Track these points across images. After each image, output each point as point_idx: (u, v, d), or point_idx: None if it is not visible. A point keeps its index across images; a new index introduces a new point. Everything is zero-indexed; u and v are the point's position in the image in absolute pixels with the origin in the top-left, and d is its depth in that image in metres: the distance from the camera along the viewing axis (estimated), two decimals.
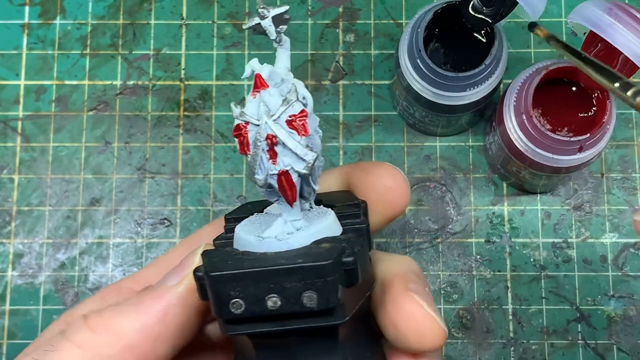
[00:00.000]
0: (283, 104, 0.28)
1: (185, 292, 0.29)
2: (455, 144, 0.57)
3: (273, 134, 0.28)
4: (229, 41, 0.59)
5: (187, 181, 0.57)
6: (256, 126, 0.28)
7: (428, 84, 0.49)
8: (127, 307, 0.29)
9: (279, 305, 0.26)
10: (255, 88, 0.28)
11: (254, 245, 0.28)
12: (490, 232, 0.56)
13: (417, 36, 0.48)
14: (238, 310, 0.26)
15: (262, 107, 0.28)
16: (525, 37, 0.58)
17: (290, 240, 0.28)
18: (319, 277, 0.26)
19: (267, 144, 0.28)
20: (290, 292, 0.26)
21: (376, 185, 0.33)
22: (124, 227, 0.56)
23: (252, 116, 0.28)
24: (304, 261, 0.26)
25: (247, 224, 0.30)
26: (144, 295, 0.30)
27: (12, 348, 0.55)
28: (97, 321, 0.29)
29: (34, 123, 0.58)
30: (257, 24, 0.30)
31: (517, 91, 0.49)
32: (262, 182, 0.29)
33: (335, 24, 0.59)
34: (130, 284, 0.35)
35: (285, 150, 0.28)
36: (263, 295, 0.26)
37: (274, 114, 0.28)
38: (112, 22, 0.59)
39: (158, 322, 0.29)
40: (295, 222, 0.29)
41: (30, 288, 0.56)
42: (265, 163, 0.28)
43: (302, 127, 0.28)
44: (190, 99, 0.58)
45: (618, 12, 0.42)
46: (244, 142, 0.28)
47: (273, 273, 0.26)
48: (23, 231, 0.56)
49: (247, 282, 0.26)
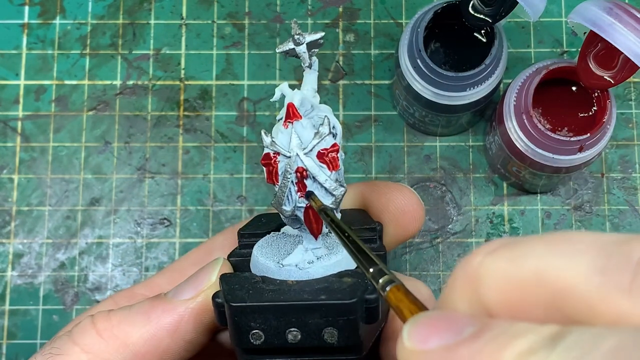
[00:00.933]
0: (315, 137, 0.28)
1: (198, 309, 0.29)
2: (455, 144, 0.57)
3: (304, 167, 0.28)
4: (229, 41, 0.59)
5: (187, 181, 0.57)
6: (287, 158, 0.28)
7: (428, 84, 0.49)
8: (137, 315, 0.29)
9: (299, 339, 0.26)
10: (287, 118, 0.28)
11: (274, 272, 0.28)
12: (490, 232, 0.56)
13: (417, 36, 0.48)
14: (257, 342, 0.26)
15: (294, 139, 0.28)
16: (525, 36, 0.58)
17: (311, 270, 0.28)
18: (342, 315, 0.26)
19: (297, 176, 0.28)
20: (312, 327, 0.26)
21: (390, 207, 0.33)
22: (123, 227, 0.56)
23: (283, 147, 0.28)
24: (327, 298, 0.26)
25: (264, 245, 0.30)
26: (156, 304, 0.29)
27: (11, 348, 0.55)
28: (106, 325, 0.29)
29: (33, 123, 0.58)
30: (291, 49, 0.30)
31: (517, 91, 0.49)
32: (289, 214, 0.28)
33: (335, 23, 0.59)
34: (143, 291, 0.34)
35: (315, 184, 0.28)
36: (284, 328, 0.26)
37: (306, 147, 0.28)
38: (112, 22, 0.59)
39: (168, 335, 0.28)
40: (316, 250, 0.29)
41: (30, 288, 0.56)
42: (293, 195, 0.28)
43: (333, 162, 0.28)
44: (190, 98, 0.58)
45: (618, 11, 0.42)
46: (273, 172, 0.28)
47: (295, 308, 0.26)
48: (23, 231, 0.56)
49: (268, 315, 0.26)
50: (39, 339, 0.55)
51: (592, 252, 0.17)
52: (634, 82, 0.58)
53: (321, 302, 0.26)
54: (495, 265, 0.18)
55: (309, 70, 0.30)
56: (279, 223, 0.32)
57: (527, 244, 0.18)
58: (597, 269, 0.17)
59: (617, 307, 0.16)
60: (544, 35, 0.58)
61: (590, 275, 0.17)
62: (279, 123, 0.29)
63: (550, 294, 0.17)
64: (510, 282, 0.18)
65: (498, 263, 0.18)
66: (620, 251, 0.17)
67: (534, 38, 0.58)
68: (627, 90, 0.58)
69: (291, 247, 0.30)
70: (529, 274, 0.18)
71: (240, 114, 0.58)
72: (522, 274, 0.18)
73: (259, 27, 0.59)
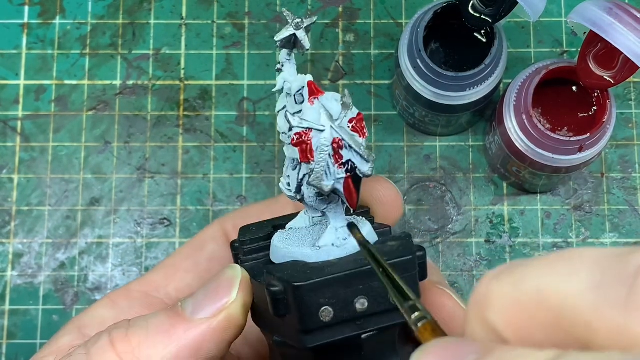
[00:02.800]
0: (343, 108, 0.28)
1: (221, 326, 0.28)
2: (455, 144, 0.57)
3: (340, 137, 0.28)
4: (228, 41, 0.59)
5: (186, 181, 0.57)
6: (320, 132, 0.28)
7: (428, 84, 0.49)
8: (158, 336, 0.28)
9: (366, 307, 0.27)
10: (311, 95, 0.28)
11: (311, 256, 0.29)
12: (490, 232, 0.56)
13: (417, 36, 0.48)
14: (327, 318, 0.26)
15: (323, 113, 0.28)
16: (525, 37, 0.58)
17: (348, 245, 0.29)
18: (406, 271, 0.27)
19: (334, 148, 0.28)
20: (378, 291, 0.27)
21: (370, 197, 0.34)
22: (123, 227, 0.56)
23: (315, 122, 0.28)
24: (389, 258, 0.27)
25: (283, 239, 0.30)
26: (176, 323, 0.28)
27: (11, 348, 0.55)
28: (126, 348, 0.28)
29: (33, 123, 0.58)
30: (291, 35, 0.30)
31: (517, 91, 0.49)
32: (329, 188, 0.28)
33: (335, 23, 0.59)
34: (139, 288, 0.34)
35: (351, 153, 0.28)
36: (352, 298, 0.26)
37: (337, 118, 0.28)
38: (111, 22, 0.59)
39: (191, 355, 0.28)
40: (344, 229, 0.29)
41: (29, 288, 0.56)
42: (331, 168, 0.28)
43: (362, 129, 0.29)
44: (190, 98, 0.58)
45: (618, 11, 0.42)
46: (307, 149, 0.28)
47: (362, 274, 0.26)
48: (23, 231, 0.56)
49: (337, 287, 0.26)
50: (39, 339, 0.55)
51: (589, 268, 0.17)
52: (633, 82, 0.58)
53: (388, 261, 0.26)
54: (499, 289, 0.18)
55: (288, 64, 0.30)
56: (272, 225, 0.32)
57: (528, 265, 0.18)
58: (593, 284, 0.17)
59: (612, 323, 0.16)
60: (544, 35, 0.58)
61: (585, 292, 0.17)
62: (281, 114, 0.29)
63: (551, 313, 0.17)
64: (514, 304, 0.18)
65: (502, 287, 0.18)
66: (616, 265, 0.17)
67: (534, 38, 0.58)
68: (627, 90, 0.58)
69: (311, 235, 0.30)
70: (531, 294, 0.18)
71: (240, 114, 0.58)
72: (524, 296, 0.18)
73: (259, 27, 0.59)
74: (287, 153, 0.30)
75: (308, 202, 0.30)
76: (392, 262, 0.26)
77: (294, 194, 0.29)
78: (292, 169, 0.29)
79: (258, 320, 0.30)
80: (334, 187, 0.28)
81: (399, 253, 0.27)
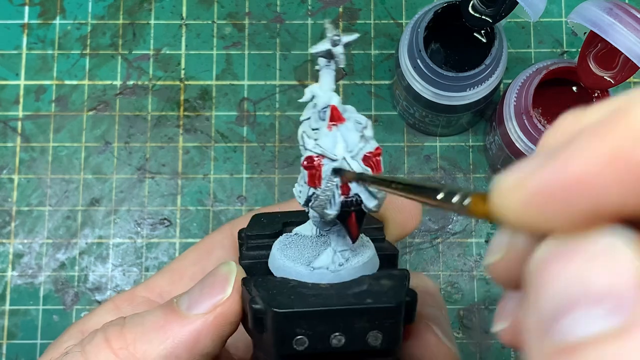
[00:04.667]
0: (361, 141, 0.28)
1: (216, 322, 0.28)
2: (455, 144, 0.57)
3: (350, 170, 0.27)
4: (228, 41, 0.59)
5: (187, 181, 0.57)
6: (332, 161, 0.28)
7: (428, 84, 0.49)
8: (153, 332, 0.28)
9: (342, 344, 0.26)
10: (332, 121, 0.28)
11: (304, 275, 0.28)
12: (490, 232, 0.56)
13: (417, 36, 0.48)
14: (300, 347, 0.26)
15: (340, 142, 0.28)
16: (525, 37, 0.58)
17: (342, 272, 0.28)
18: (388, 318, 0.26)
19: (342, 180, 0.27)
20: (357, 331, 0.26)
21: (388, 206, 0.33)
22: (123, 227, 0.56)
23: (329, 150, 0.28)
24: (374, 302, 0.26)
25: (284, 247, 0.30)
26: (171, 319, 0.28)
27: (11, 348, 0.55)
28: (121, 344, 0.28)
29: (33, 123, 0.58)
30: (327, 50, 0.29)
31: (517, 91, 0.49)
32: (331, 218, 0.28)
33: (335, 23, 0.59)
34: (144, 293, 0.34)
35: (360, 188, 0.28)
36: (329, 333, 0.26)
37: (352, 150, 0.28)
38: (112, 22, 0.59)
39: (187, 351, 0.28)
40: (344, 252, 0.29)
41: (30, 288, 0.56)
42: (337, 198, 0.28)
43: (377, 165, 0.28)
44: (190, 99, 0.58)
45: (618, 12, 0.42)
46: (316, 175, 0.28)
47: (343, 312, 0.26)
48: (23, 231, 0.56)
49: (315, 320, 0.26)
50: (39, 339, 0.55)
51: None
52: (634, 82, 0.58)
53: (369, 305, 0.26)
54: None
55: (327, 69, 0.30)
56: (282, 222, 0.32)
57: None
58: None
59: None
60: (544, 35, 0.58)
61: None
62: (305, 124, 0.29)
63: None
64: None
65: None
66: None
67: (534, 38, 0.58)
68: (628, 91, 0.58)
69: (313, 249, 0.30)
70: None
71: (240, 114, 0.58)
72: None
73: (259, 27, 0.59)
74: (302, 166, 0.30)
75: (312, 220, 0.30)
76: (377, 307, 0.26)
77: (303, 205, 0.29)
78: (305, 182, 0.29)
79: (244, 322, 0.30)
80: (335, 217, 0.28)
81: (386, 298, 0.26)
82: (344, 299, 0.27)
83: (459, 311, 0.55)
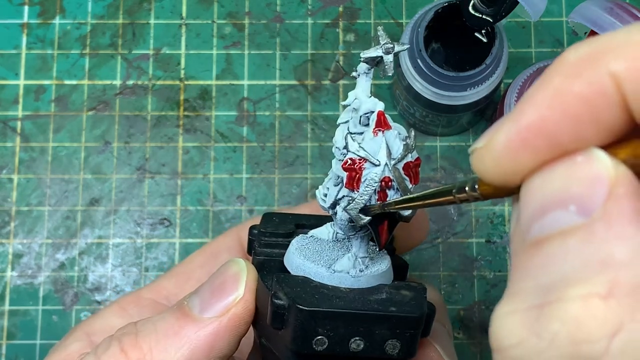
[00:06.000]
0: (404, 150, 0.28)
1: (231, 324, 0.28)
2: (455, 144, 0.57)
3: (390, 177, 0.28)
4: (228, 41, 0.59)
5: (187, 181, 0.57)
6: (373, 166, 0.28)
7: (428, 84, 0.49)
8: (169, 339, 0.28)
9: (361, 349, 0.26)
10: (378, 126, 0.28)
11: (324, 277, 0.28)
12: (490, 232, 0.56)
13: (417, 36, 0.48)
14: (319, 348, 0.26)
15: (384, 149, 0.28)
16: (525, 36, 0.58)
17: (362, 278, 0.29)
18: (409, 328, 0.26)
19: (381, 186, 0.28)
20: (376, 337, 0.26)
21: None
22: (123, 227, 0.56)
23: (373, 155, 0.28)
24: (397, 310, 0.26)
25: (302, 248, 0.30)
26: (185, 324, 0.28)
27: (11, 348, 0.55)
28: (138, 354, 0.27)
29: (33, 123, 0.58)
30: (378, 57, 0.30)
31: (517, 91, 0.49)
32: (364, 222, 0.28)
33: (335, 23, 0.59)
34: (150, 295, 0.34)
35: (397, 195, 0.28)
36: (349, 337, 0.26)
37: (395, 157, 0.28)
38: (111, 22, 0.59)
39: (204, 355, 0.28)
40: (364, 259, 0.29)
41: (29, 288, 0.56)
42: (373, 204, 0.28)
43: (416, 176, 0.29)
44: (190, 98, 0.58)
45: (619, 11, 0.42)
46: (356, 178, 0.28)
47: (366, 317, 0.26)
48: (22, 231, 0.56)
49: (338, 322, 0.26)
50: (38, 339, 0.55)
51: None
52: None
53: (392, 313, 0.26)
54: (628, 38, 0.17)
55: (366, 77, 0.30)
56: (294, 223, 0.32)
57: None
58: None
59: None
60: (545, 35, 0.58)
61: None
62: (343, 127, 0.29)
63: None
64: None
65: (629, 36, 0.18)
66: None
67: (534, 38, 0.58)
68: None
69: (329, 252, 0.30)
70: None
71: (240, 114, 0.58)
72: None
73: (259, 27, 0.59)
74: (334, 168, 0.29)
75: (339, 223, 0.30)
76: (400, 316, 0.26)
77: (328, 207, 0.29)
78: (334, 184, 0.29)
79: None
80: (367, 223, 0.28)
81: (409, 308, 0.27)
82: (368, 304, 0.27)
83: (459, 311, 0.55)
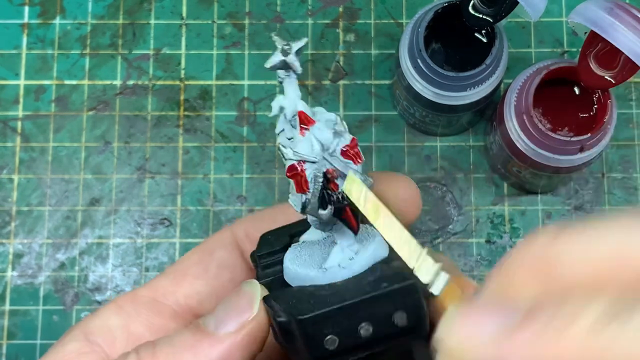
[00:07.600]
0: (335, 137, 0.28)
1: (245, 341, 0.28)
2: (455, 144, 0.57)
3: (332, 167, 0.28)
4: (229, 41, 0.59)
5: (187, 181, 0.57)
6: (313, 163, 0.28)
7: (428, 84, 0.49)
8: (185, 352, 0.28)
9: (371, 332, 0.27)
10: (302, 125, 0.29)
11: (318, 278, 0.29)
12: (490, 232, 0.56)
13: (417, 36, 0.48)
14: (332, 347, 0.27)
15: (315, 144, 0.28)
16: (525, 36, 0.58)
17: (354, 265, 0.29)
18: (409, 296, 0.27)
19: (328, 178, 0.28)
20: (381, 316, 0.27)
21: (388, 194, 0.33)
22: (123, 227, 0.56)
23: (307, 154, 0.28)
24: (389, 284, 0.27)
25: (293, 258, 0.30)
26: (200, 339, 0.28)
27: (11, 348, 0.55)
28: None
29: (33, 123, 0.58)
30: (281, 61, 0.30)
31: (517, 91, 0.49)
32: (327, 217, 0.28)
33: (335, 23, 0.59)
34: (147, 293, 0.34)
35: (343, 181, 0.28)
36: (356, 326, 0.27)
37: (329, 147, 0.28)
38: (111, 22, 0.59)
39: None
40: (352, 246, 0.30)
41: (30, 288, 0.56)
42: (327, 197, 0.28)
43: (357, 155, 0.29)
44: (190, 98, 0.58)
45: (619, 11, 0.42)
46: (302, 181, 0.28)
47: (363, 302, 0.27)
48: (23, 231, 0.56)
49: (339, 317, 0.27)
50: (39, 339, 0.55)
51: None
52: (634, 82, 0.58)
53: (386, 289, 0.27)
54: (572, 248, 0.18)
55: (288, 79, 0.30)
56: (288, 235, 0.32)
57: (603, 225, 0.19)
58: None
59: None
60: (545, 35, 0.58)
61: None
62: (281, 136, 0.29)
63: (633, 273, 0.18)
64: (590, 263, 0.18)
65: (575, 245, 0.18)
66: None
67: (534, 38, 0.58)
68: (628, 91, 0.58)
69: (321, 252, 0.30)
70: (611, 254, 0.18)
71: (240, 114, 0.58)
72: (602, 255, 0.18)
73: (259, 27, 0.59)
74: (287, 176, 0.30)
75: (313, 225, 0.30)
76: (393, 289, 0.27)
77: (301, 212, 0.30)
78: None
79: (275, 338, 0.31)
80: (331, 215, 0.28)
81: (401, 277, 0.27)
82: (361, 289, 0.27)
83: None
